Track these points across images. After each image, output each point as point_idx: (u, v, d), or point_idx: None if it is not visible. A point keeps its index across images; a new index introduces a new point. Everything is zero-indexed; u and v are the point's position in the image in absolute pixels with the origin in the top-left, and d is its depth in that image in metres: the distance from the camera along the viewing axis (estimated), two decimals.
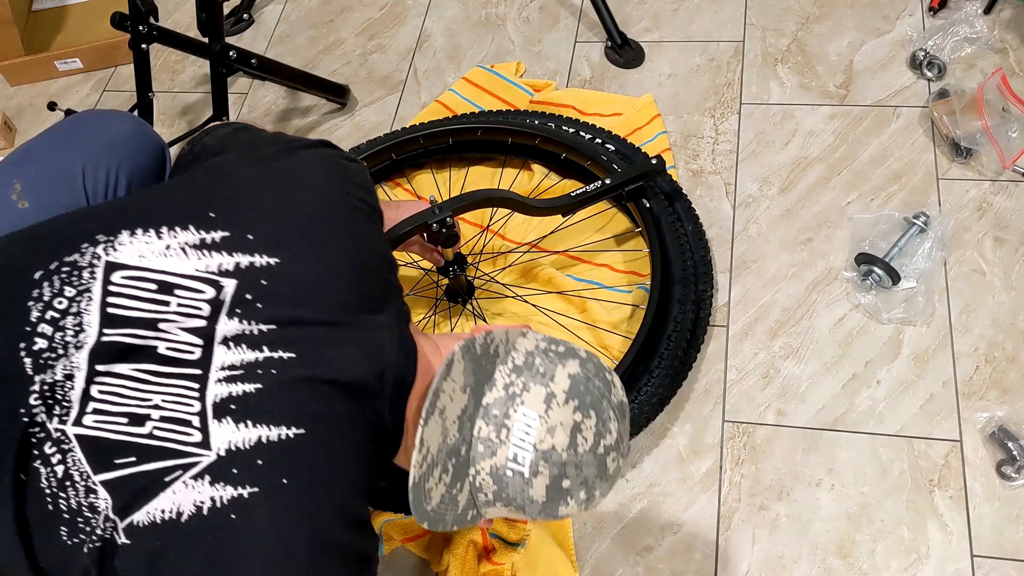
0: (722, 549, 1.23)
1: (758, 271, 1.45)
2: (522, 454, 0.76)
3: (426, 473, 0.75)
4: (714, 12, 1.79)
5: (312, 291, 0.78)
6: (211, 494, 0.70)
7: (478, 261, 1.52)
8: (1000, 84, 1.49)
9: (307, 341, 0.75)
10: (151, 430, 0.71)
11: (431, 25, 1.92)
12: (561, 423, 0.77)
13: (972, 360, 1.31)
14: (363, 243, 0.85)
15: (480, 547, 1.24)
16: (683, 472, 1.30)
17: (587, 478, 0.78)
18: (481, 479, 0.78)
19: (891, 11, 1.71)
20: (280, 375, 0.73)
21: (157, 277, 0.75)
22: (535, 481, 0.77)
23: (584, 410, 0.78)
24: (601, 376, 0.82)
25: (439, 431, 0.76)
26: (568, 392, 0.78)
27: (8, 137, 1.91)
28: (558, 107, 1.68)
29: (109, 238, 0.77)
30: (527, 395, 0.78)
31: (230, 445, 0.71)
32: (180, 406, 0.72)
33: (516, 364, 0.80)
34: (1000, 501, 1.20)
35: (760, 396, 1.34)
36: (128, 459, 0.71)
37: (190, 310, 0.75)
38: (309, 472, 0.72)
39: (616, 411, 0.81)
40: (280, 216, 0.81)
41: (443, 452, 0.76)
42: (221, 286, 0.75)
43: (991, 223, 1.42)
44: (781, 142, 1.59)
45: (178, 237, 0.77)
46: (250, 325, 0.75)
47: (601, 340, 1.40)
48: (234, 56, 1.58)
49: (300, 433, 0.72)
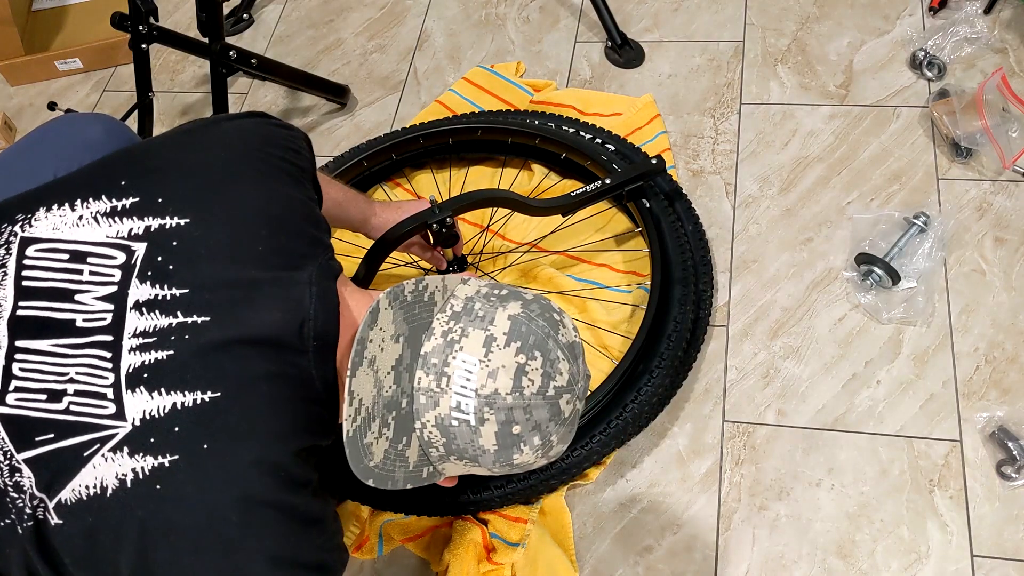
0: (722, 549, 1.23)
1: (758, 271, 1.45)
2: (465, 401, 0.74)
3: (362, 427, 0.73)
4: (714, 12, 1.79)
5: (225, 249, 0.76)
6: (132, 466, 0.69)
7: (478, 261, 1.52)
8: (1000, 84, 1.49)
9: (221, 302, 0.74)
10: (67, 405, 0.71)
11: (431, 25, 1.92)
12: (503, 366, 0.74)
13: (972, 360, 1.31)
14: (279, 200, 0.83)
15: (480, 547, 1.24)
16: (683, 472, 1.30)
17: (539, 422, 0.76)
18: (428, 432, 0.76)
19: (891, 11, 1.71)
20: (194, 339, 0.72)
21: (69, 247, 0.76)
22: (482, 429, 0.75)
23: (527, 351, 0.75)
24: (547, 316, 0.79)
25: (371, 382, 0.74)
26: (509, 334, 0.76)
27: (8, 137, 1.91)
28: (558, 107, 1.68)
29: (27, 216, 0.78)
30: (466, 340, 0.75)
31: (145, 415, 0.70)
32: (93, 379, 0.72)
33: (455, 311, 0.78)
34: (1000, 501, 1.20)
35: (760, 396, 1.34)
36: (47, 436, 0.71)
37: (102, 277, 0.74)
38: (229, 433, 0.70)
39: (565, 351, 0.78)
40: (191, 178, 0.80)
41: (379, 405, 0.74)
42: (132, 250, 0.75)
43: (991, 223, 1.42)
44: (781, 142, 1.59)
45: (90, 207, 0.77)
46: (162, 289, 0.73)
47: (601, 340, 1.40)
48: (234, 56, 1.58)
49: (216, 396, 0.70)
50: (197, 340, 0.72)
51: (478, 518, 1.27)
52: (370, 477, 0.75)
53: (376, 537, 1.29)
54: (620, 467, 1.31)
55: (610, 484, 1.30)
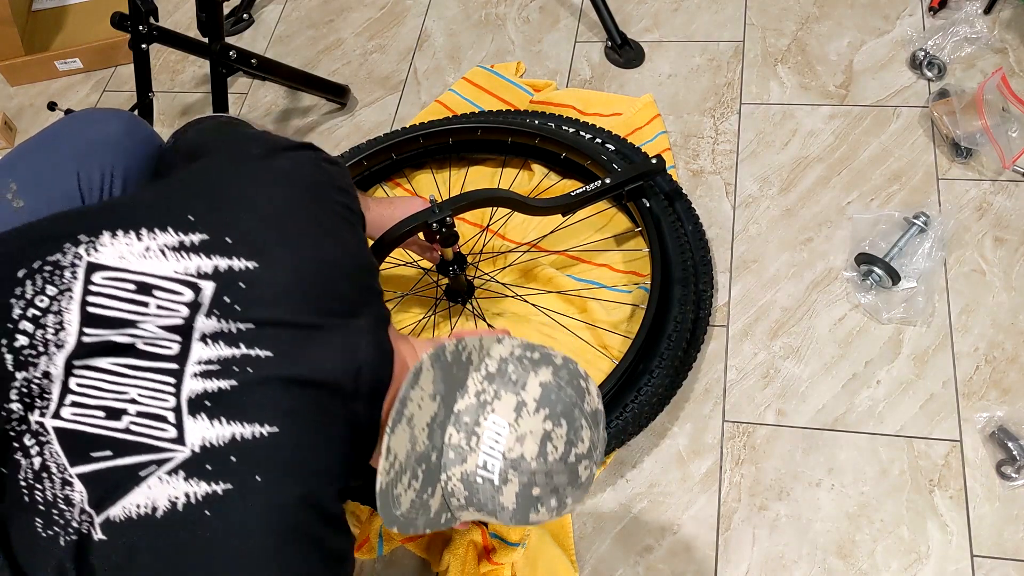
0: (722, 549, 1.23)
1: (758, 271, 1.45)
2: (492, 462, 0.77)
3: (394, 480, 0.76)
4: (714, 12, 1.79)
5: (289, 294, 0.78)
6: (185, 490, 0.70)
7: (478, 261, 1.52)
8: (1000, 84, 1.49)
9: (284, 340, 0.76)
10: (127, 424, 0.72)
11: (431, 25, 1.92)
12: (531, 432, 0.78)
13: (972, 360, 1.31)
14: (342, 247, 0.86)
15: (480, 547, 1.24)
16: (683, 472, 1.30)
17: (558, 486, 0.79)
18: (453, 485, 0.79)
19: (891, 11, 1.71)
20: (256, 373, 0.74)
21: (136, 278, 0.76)
22: (505, 489, 0.78)
23: (555, 419, 0.79)
24: (574, 384, 0.82)
25: (406, 439, 0.77)
26: (539, 400, 0.79)
27: (8, 137, 1.91)
28: (558, 107, 1.68)
29: (91, 239, 0.78)
30: (498, 403, 0.79)
31: (204, 441, 0.71)
32: (156, 401, 0.73)
33: (489, 371, 0.81)
34: (1000, 501, 1.20)
35: (760, 396, 1.34)
36: (104, 452, 0.72)
37: (169, 311, 0.75)
38: (282, 469, 0.73)
39: (589, 419, 0.81)
40: (259, 220, 0.81)
41: (412, 459, 0.77)
42: (199, 288, 0.76)
43: (991, 223, 1.42)
44: (781, 142, 1.59)
45: (157, 239, 0.78)
46: (228, 324, 0.75)
47: (601, 340, 1.40)
48: (234, 56, 1.58)
49: (273, 431, 0.72)
50: (259, 374, 0.74)
51: None
52: (395, 524, 0.77)
53: (376, 537, 1.29)
54: (620, 467, 1.31)
55: (610, 484, 1.30)
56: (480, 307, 1.47)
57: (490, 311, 1.47)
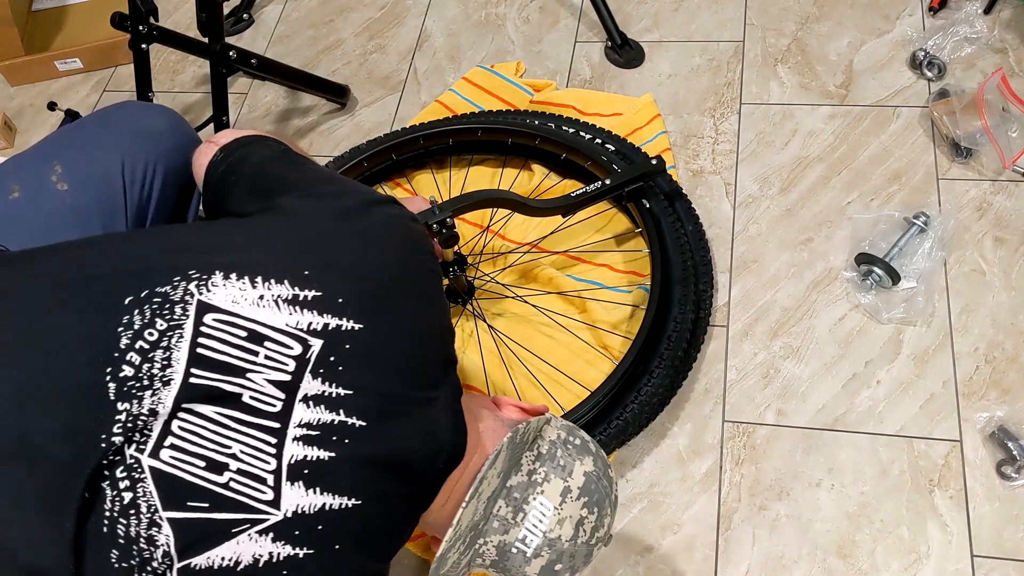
0: (722, 549, 1.23)
1: (758, 271, 1.45)
2: (531, 538, 0.83)
3: (451, 546, 0.81)
4: (714, 12, 1.79)
5: (386, 361, 0.79)
6: (271, 550, 0.72)
7: (478, 261, 1.52)
8: (1000, 84, 1.49)
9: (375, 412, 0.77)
10: (228, 480, 0.73)
11: (431, 25, 1.92)
12: (570, 516, 0.84)
13: (972, 360, 1.31)
14: (434, 314, 0.87)
15: None
16: (683, 472, 1.30)
17: (575, 565, 0.86)
18: (486, 549, 0.84)
19: (891, 11, 1.71)
20: (351, 445, 0.75)
21: (249, 326, 0.76)
22: (534, 562, 0.84)
23: (590, 507, 0.86)
24: (607, 475, 0.89)
25: (472, 511, 0.81)
26: (582, 489, 0.85)
27: (8, 137, 1.91)
28: (558, 107, 1.68)
29: (203, 277, 0.77)
30: (547, 486, 0.85)
31: (297, 508, 0.73)
32: (257, 461, 0.73)
33: (540, 452, 0.86)
34: (1000, 501, 1.20)
35: (760, 396, 1.34)
36: (202, 504, 0.72)
37: (277, 363, 0.75)
38: (356, 540, 0.76)
39: (612, 507, 0.89)
40: (366, 282, 0.81)
41: (469, 528, 0.82)
42: (309, 344, 0.76)
43: (991, 223, 1.42)
44: (781, 142, 1.59)
45: (272, 290, 0.77)
46: (330, 387, 0.76)
47: (601, 340, 1.40)
48: (234, 56, 1.58)
49: (356, 504, 0.75)
50: (355, 448, 0.75)
51: None
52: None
53: None
54: (620, 467, 1.31)
55: None
56: (480, 308, 1.47)
57: (490, 312, 1.47)
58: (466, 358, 1.43)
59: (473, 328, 1.45)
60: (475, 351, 1.43)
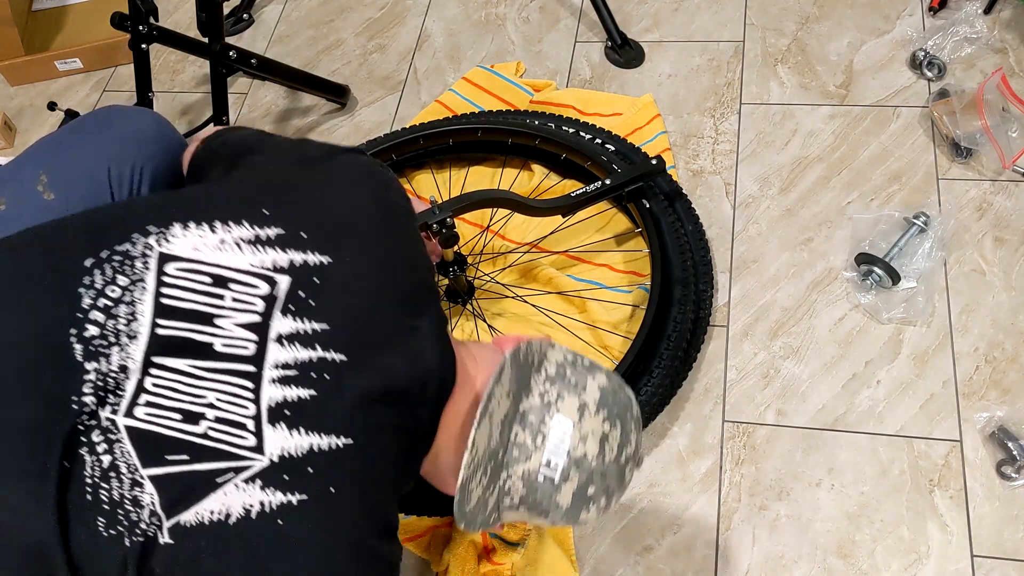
0: (722, 549, 1.23)
1: (758, 271, 1.45)
2: (556, 460, 0.79)
3: (471, 475, 0.77)
4: (714, 12, 1.79)
5: (360, 293, 0.78)
6: (261, 498, 0.70)
7: (478, 261, 1.52)
8: (1000, 84, 1.49)
9: (356, 344, 0.75)
10: (206, 430, 0.71)
11: (431, 25, 1.92)
12: (592, 432, 0.80)
13: (972, 360, 1.31)
14: (406, 245, 0.85)
15: (480, 547, 1.24)
16: (683, 472, 1.30)
17: (609, 486, 0.82)
18: (511, 483, 0.80)
19: (891, 11, 1.71)
20: (333, 380, 0.73)
21: (212, 271, 0.75)
22: (564, 487, 0.79)
23: (612, 420, 0.82)
24: (624, 390, 0.85)
25: (486, 434, 0.78)
26: (599, 403, 0.82)
27: (8, 137, 1.91)
28: (558, 107, 1.68)
29: (161, 229, 0.77)
30: (562, 403, 0.81)
31: (283, 451, 0.71)
32: (235, 407, 0.72)
33: (549, 374, 0.83)
34: (1000, 501, 1.20)
35: (760, 396, 1.34)
36: (181, 456, 0.71)
37: (245, 305, 0.75)
38: (354, 481, 0.73)
39: (636, 423, 0.85)
40: (330, 216, 0.81)
41: (486, 455, 0.78)
42: (275, 282, 0.75)
43: (991, 223, 1.42)
44: (781, 142, 1.59)
45: (232, 232, 0.77)
46: (303, 323, 0.75)
47: (601, 340, 1.40)
48: (234, 56, 1.58)
49: (348, 443, 0.72)
50: (337, 383, 0.73)
51: None
52: (463, 520, 0.79)
53: None
54: None
55: None
56: (480, 308, 1.47)
57: (490, 311, 1.47)
58: None
59: (473, 328, 1.45)
60: None
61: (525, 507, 0.82)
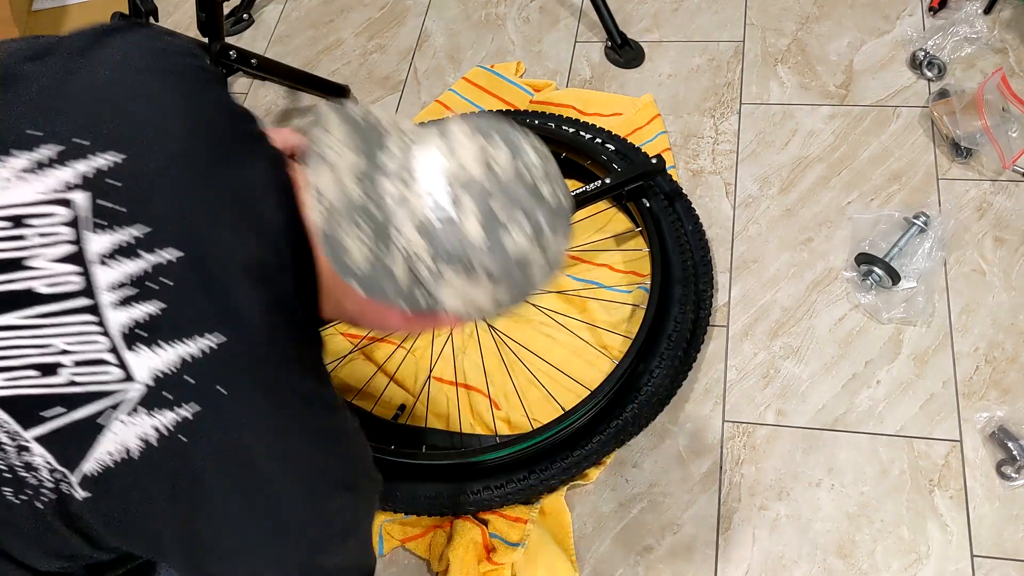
0: (722, 549, 1.23)
1: (758, 271, 1.45)
2: (436, 192, 0.69)
3: (329, 221, 0.70)
4: (714, 12, 1.79)
5: (169, 176, 0.71)
6: (153, 423, 0.67)
7: None
8: (1000, 84, 1.49)
9: (186, 233, 0.70)
10: (70, 377, 0.68)
11: (431, 25, 1.92)
12: (470, 154, 0.71)
13: (972, 360, 1.31)
14: (198, 105, 0.77)
15: (480, 547, 1.24)
16: (683, 472, 1.30)
17: (523, 206, 0.71)
18: (408, 241, 0.70)
19: (891, 11, 1.71)
20: (176, 285, 0.68)
21: (4, 213, 0.70)
22: (463, 219, 0.69)
23: (488, 137, 0.72)
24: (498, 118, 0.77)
25: (330, 180, 0.71)
26: (466, 128, 0.72)
27: None
28: (558, 107, 1.68)
29: None
30: (423, 143, 0.72)
31: (154, 372, 0.67)
32: (87, 345, 0.68)
33: (402, 128, 0.74)
34: (1000, 501, 1.20)
35: (760, 396, 1.34)
36: (57, 410, 0.68)
37: (51, 237, 0.69)
38: (241, 373, 0.69)
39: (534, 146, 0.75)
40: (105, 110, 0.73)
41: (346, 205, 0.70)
42: (70, 201, 0.69)
43: (991, 223, 1.42)
44: (781, 142, 1.59)
45: (7, 167, 0.70)
46: (120, 234, 0.69)
47: (601, 340, 1.40)
48: (234, 56, 1.58)
49: (221, 340, 0.68)
50: (179, 283, 0.68)
51: (478, 518, 1.27)
52: (354, 278, 0.71)
53: (376, 537, 1.29)
54: (620, 467, 1.31)
55: (610, 484, 1.30)
56: None
57: None
58: (466, 358, 1.43)
59: (473, 328, 1.45)
60: (475, 351, 1.43)
61: (444, 263, 0.71)
